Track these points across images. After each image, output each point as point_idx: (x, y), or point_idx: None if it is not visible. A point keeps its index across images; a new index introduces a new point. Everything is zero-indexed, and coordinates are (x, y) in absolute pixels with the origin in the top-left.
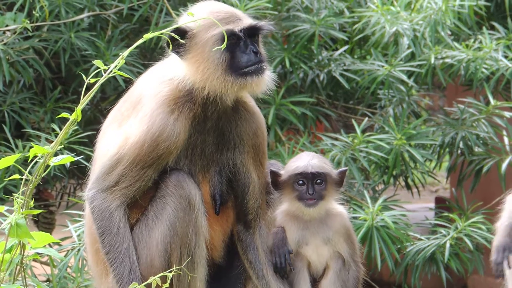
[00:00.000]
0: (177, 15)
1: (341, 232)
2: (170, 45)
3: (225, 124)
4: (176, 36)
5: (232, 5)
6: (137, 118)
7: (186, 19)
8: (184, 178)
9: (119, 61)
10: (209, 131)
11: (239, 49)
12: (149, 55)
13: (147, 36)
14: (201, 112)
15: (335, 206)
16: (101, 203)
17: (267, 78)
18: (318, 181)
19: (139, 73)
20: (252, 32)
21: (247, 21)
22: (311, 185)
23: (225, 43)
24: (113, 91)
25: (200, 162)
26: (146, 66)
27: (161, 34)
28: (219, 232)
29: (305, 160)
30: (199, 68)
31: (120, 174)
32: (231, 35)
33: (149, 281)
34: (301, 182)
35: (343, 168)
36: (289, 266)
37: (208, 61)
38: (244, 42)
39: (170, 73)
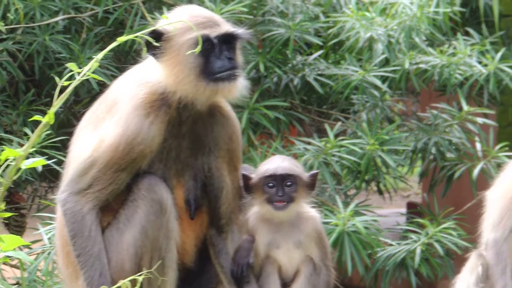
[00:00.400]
0: (153, 18)
1: (312, 236)
2: (145, 48)
3: (201, 129)
4: (150, 39)
5: (207, 9)
6: (112, 121)
7: (163, 22)
8: (156, 182)
9: (93, 64)
10: (184, 136)
11: (213, 54)
12: (123, 59)
13: (121, 39)
14: (176, 116)
15: (308, 209)
16: (74, 206)
17: (239, 85)
18: (288, 183)
19: (114, 76)
20: (228, 39)
21: (224, 27)
22: (281, 187)
23: (199, 47)
24: (87, 94)
25: (175, 167)
26: (121, 70)
27: (135, 37)
28: (192, 237)
29: (275, 163)
30: (172, 71)
31: (94, 177)
32: (206, 40)
33: (118, 284)
34: (271, 184)
35: (314, 171)
36: (245, 279)
37: (182, 65)
38: (219, 48)
39: (146, 76)
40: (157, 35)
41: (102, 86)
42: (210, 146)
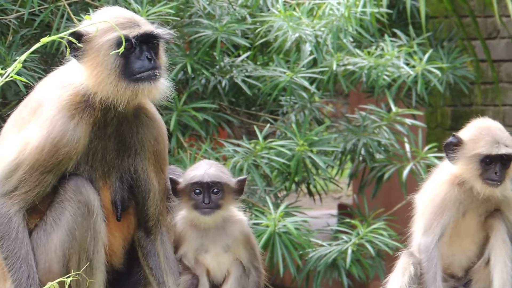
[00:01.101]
0: (79, 20)
1: (240, 239)
2: (68, 49)
3: (126, 130)
4: (73, 40)
5: (134, 11)
6: (37, 123)
7: (86, 23)
8: (83, 184)
9: (16, 65)
10: (110, 137)
11: (134, 55)
12: (50, 60)
13: (45, 39)
14: (101, 118)
15: (235, 213)
16: (0, 209)
17: (160, 86)
18: (215, 190)
19: (40, 78)
20: (148, 39)
21: (144, 27)
22: (207, 195)
23: (122, 47)
24: (14, 96)
25: (101, 168)
26: (47, 71)
27: (59, 38)
28: (120, 238)
29: (202, 170)
30: (93, 72)
31: (20, 179)
32: (126, 40)
33: (46, 286)
34: (197, 191)
35: (242, 177)
36: None
37: (102, 65)
38: (140, 49)
39: (70, 77)
40: (79, 36)
41: (30, 89)
42: (136, 147)
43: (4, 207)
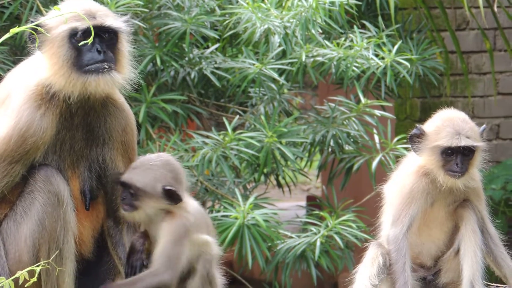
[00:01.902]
0: (48, 12)
1: None
2: (32, 41)
3: (94, 120)
4: (32, 32)
5: (102, 2)
6: (5, 114)
7: (51, 14)
8: (53, 174)
9: None
10: (77, 127)
11: (86, 47)
12: (19, 52)
13: (14, 30)
14: (66, 108)
15: None
16: None
17: (110, 78)
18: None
19: (10, 70)
20: (100, 32)
21: (97, 20)
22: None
23: (87, 41)
24: None
25: (70, 158)
26: (16, 63)
27: (27, 29)
28: (89, 228)
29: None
30: (49, 63)
31: None
32: (75, 32)
33: (16, 275)
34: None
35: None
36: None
37: (56, 57)
38: (93, 41)
39: (36, 69)
40: (42, 29)
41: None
42: (104, 137)
43: None
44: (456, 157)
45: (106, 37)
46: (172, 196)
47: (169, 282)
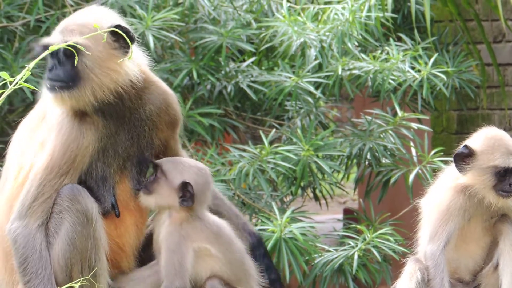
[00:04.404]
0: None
1: None
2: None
3: (132, 115)
4: (70, 48)
5: (139, 17)
6: (46, 128)
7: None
8: (80, 192)
9: (25, 73)
10: (117, 131)
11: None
12: None
13: (53, 47)
14: (100, 115)
15: None
16: (23, 229)
17: (59, 97)
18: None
19: None
20: (65, 50)
21: (48, 39)
22: None
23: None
24: (21, 102)
25: (116, 163)
26: None
27: (66, 46)
28: (133, 235)
29: None
30: None
31: (38, 185)
32: (44, 49)
33: None
34: None
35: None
36: None
37: None
38: (55, 58)
39: None
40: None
41: (36, 95)
42: (148, 126)
43: (26, 227)
44: (509, 177)
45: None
46: (186, 194)
47: (183, 287)
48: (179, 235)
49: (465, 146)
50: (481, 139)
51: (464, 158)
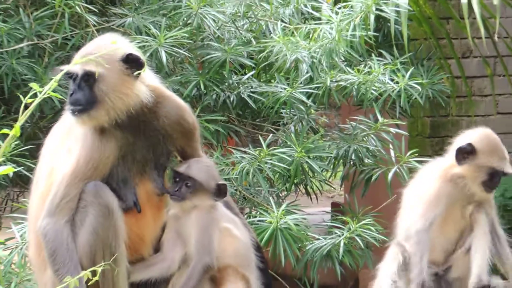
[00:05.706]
0: None
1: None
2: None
3: (147, 127)
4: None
5: (153, 35)
6: (70, 139)
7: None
8: (102, 188)
9: (52, 84)
10: (135, 141)
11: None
12: None
13: (77, 61)
14: (119, 128)
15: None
16: (53, 225)
17: (82, 118)
18: (188, 183)
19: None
20: (77, 75)
21: (69, 66)
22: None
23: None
24: (51, 110)
25: (135, 168)
26: None
27: (88, 60)
28: (152, 226)
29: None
30: None
31: (65, 187)
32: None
33: (81, 274)
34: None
35: (222, 182)
36: None
37: None
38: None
39: None
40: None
41: (64, 103)
42: (163, 135)
43: (55, 224)
44: (499, 177)
45: (82, 80)
46: (221, 192)
47: (211, 263)
48: (209, 218)
49: (469, 144)
50: (480, 139)
51: (465, 153)
